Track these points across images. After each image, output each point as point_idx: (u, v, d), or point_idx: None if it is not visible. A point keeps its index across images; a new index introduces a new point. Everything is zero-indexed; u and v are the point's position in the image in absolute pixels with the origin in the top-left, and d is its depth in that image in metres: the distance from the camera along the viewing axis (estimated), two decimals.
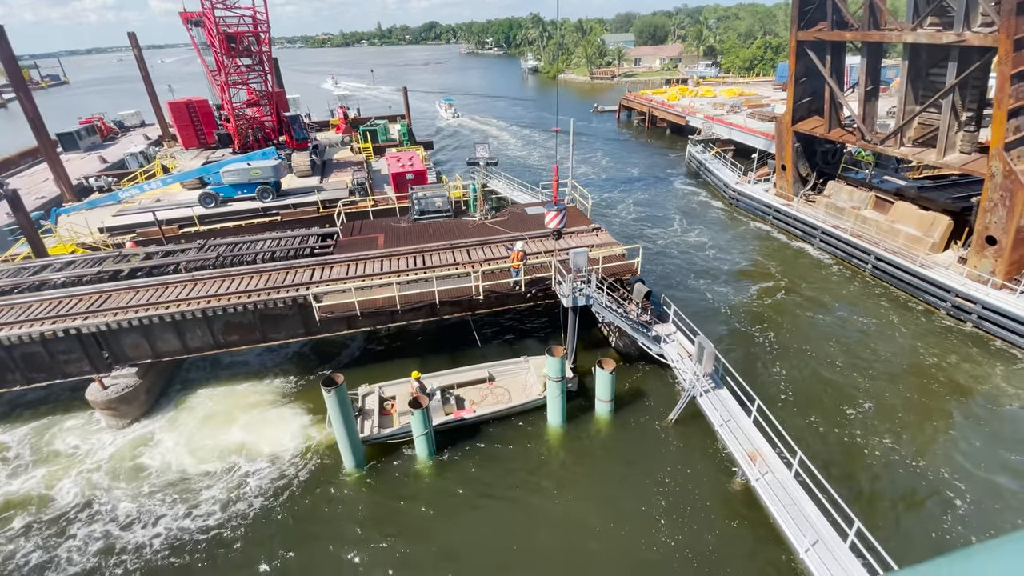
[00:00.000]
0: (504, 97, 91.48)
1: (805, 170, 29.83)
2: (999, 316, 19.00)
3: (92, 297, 17.42)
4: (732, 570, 11.90)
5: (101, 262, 20.05)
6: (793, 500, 12.15)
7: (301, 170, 33.08)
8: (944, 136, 21.60)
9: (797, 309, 22.34)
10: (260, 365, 19.63)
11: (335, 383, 13.79)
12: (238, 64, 33.25)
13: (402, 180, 29.06)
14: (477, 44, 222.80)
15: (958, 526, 12.74)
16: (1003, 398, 16.68)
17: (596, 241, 20.39)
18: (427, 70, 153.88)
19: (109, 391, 16.50)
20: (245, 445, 15.93)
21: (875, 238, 24.44)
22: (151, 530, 13.43)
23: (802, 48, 26.31)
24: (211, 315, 17.09)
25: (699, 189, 38.07)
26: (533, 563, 12.34)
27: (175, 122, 39.76)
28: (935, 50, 21.51)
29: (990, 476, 13.98)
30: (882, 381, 17.66)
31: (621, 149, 52.12)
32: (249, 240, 21.69)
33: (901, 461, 14.54)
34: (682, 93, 60.18)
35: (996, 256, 19.85)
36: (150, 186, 28.59)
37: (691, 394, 15.54)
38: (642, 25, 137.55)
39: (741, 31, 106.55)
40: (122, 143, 46.19)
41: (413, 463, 15.10)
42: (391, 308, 17.09)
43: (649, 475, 14.44)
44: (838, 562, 10.72)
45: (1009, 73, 17.67)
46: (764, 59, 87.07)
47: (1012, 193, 18.68)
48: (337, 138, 43.79)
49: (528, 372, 17.83)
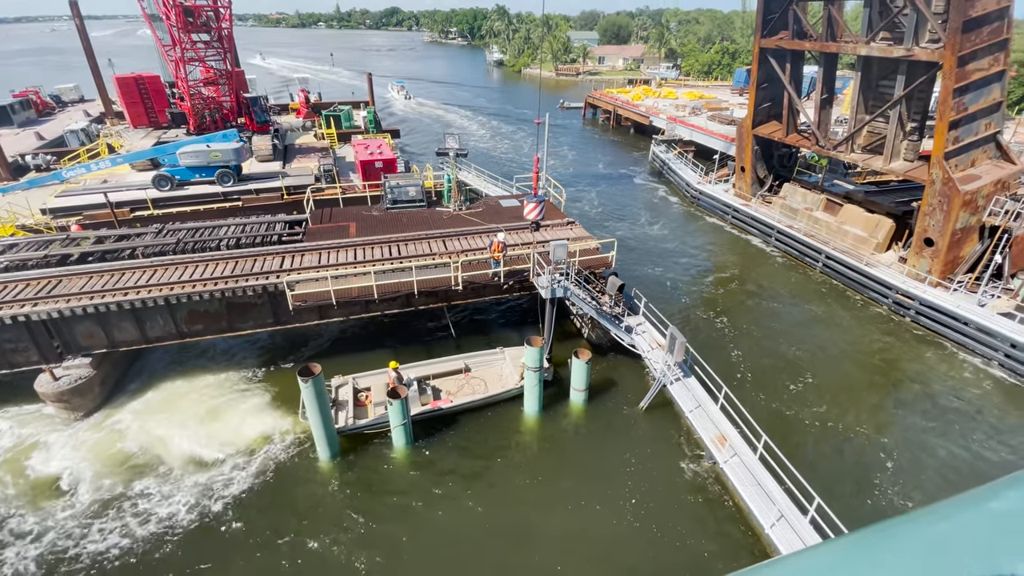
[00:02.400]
0: (469, 87, 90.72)
1: (763, 172, 31.31)
2: (934, 311, 20.71)
3: (40, 282, 16.25)
4: (701, 547, 12.55)
5: (47, 245, 18.71)
6: (758, 480, 12.94)
7: (262, 154, 31.78)
8: (891, 144, 23.23)
9: (751, 300, 23.62)
10: (226, 355, 18.93)
11: (312, 373, 13.52)
12: (194, 40, 31.53)
13: (371, 168, 28.48)
14: (440, 33, 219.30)
15: (892, 486, 13.93)
16: (934, 382, 18.26)
17: (571, 235, 20.76)
18: (389, 56, 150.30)
19: (60, 382, 15.53)
20: (212, 437, 15.36)
21: (825, 238, 26.01)
22: (111, 534, 12.79)
23: (764, 55, 27.54)
24: (174, 303, 16.32)
25: (662, 187, 39.25)
26: (511, 547, 12.59)
27: (122, 99, 37.25)
28: (886, 63, 23.04)
29: (920, 443, 15.35)
30: (827, 365, 19.02)
31: (587, 145, 52.92)
32: (212, 225, 20.76)
33: (844, 433, 15.73)
34: (646, 93, 61.59)
35: (933, 257, 21.59)
36: (97, 166, 26.72)
37: (662, 382, 16.19)
38: (606, 24, 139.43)
39: (700, 35, 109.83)
40: (60, 119, 42.84)
41: (390, 453, 15.03)
42: (367, 298, 16.84)
43: (621, 459, 14.97)
44: (799, 536, 11.54)
45: (952, 87, 19.20)
46: (722, 64, 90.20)
47: (949, 199, 20.34)
48: (298, 123, 42.29)
49: (504, 363, 18.01)
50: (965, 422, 16.49)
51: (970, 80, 19.49)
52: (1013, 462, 15.02)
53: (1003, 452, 15.39)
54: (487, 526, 13.11)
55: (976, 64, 19.46)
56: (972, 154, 21.03)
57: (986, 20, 18.99)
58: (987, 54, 19.57)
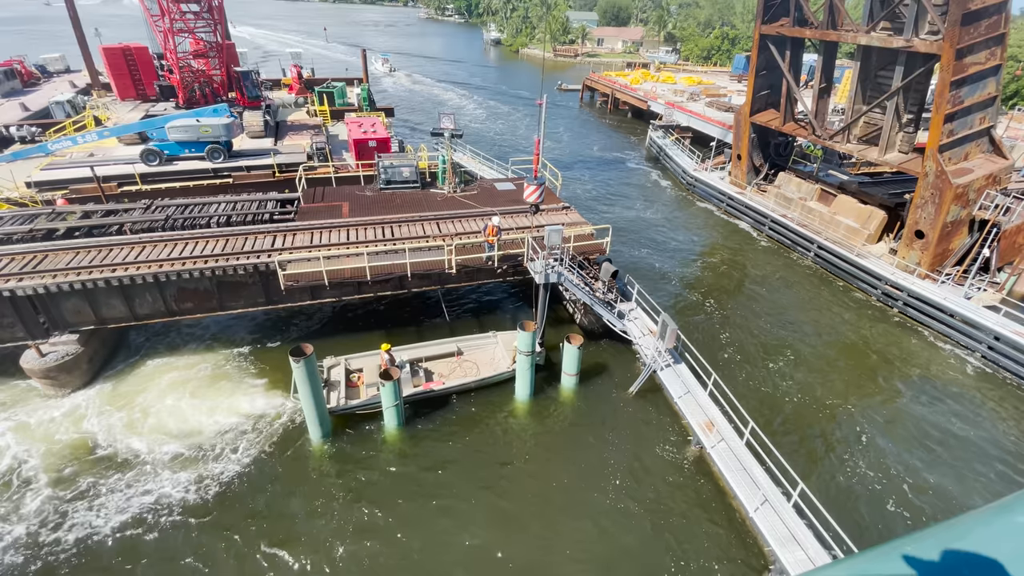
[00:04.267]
0: (466, 65, 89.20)
1: (759, 160, 31.27)
2: (921, 303, 20.99)
3: (26, 257, 15.98)
4: (687, 530, 12.83)
5: (33, 219, 18.36)
6: (743, 466, 13.19)
7: (253, 131, 31.17)
8: (886, 135, 23.25)
9: (743, 287, 23.79)
10: (217, 333, 18.82)
11: (304, 353, 13.50)
12: (183, 11, 30.65)
13: (364, 147, 28.05)
14: (437, 10, 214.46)
15: (873, 464, 14.29)
16: (917, 370, 18.61)
17: (566, 220, 20.68)
18: (385, 32, 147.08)
19: (47, 359, 15.39)
20: (202, 416, 15.36)
21: (818, 228, 26.16)
22: (99, 510, 12.81)
23: (764, 42, 27.28)
24: (163, 280, 16.12)
25: (659, 173, 39.12)
26: (500, 528, 12.80)
27: (109, 70, 36.24)
28: (885, 53, 22.93)
29: (902, 429, 15.73)
30: (814, 353, 19.27)
31: (584, 127, 52.46)
32: (202, 203, 20.46)
33: (828, 418, 16.04)
34: (644, 77, 60.96)
35: (923, 249, 21.81)
36: (83, 139, 26.07)
37: (652, 368, 16.35)
38: (606, 5, 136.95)
39: (701, 20, 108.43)
40: (45, 90, 41.64)
41: (381, 434, 15.12)
42: (360, 279, 16.75)
43: (610, 443, 15.18)
44: (782, 521, 11.82)
45: (949, 80, 19.18)
46: (721, 50, 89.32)
47: (941, 191, 20.48)
48: (290, 99, 41.48)
49: (497, 346, 18.08)
50: (945, 408, 16.87)
51: (967, 73, 19.48)
52: (983, 448, 15.43)
53: (979, 438, 15.80)
54: (476, 507, 13.29)
55: (973, 58, 19.43)
56: (966, 148, 21.12)
57: (984, 14, 18.91)
58: (984, 48, 19.53)
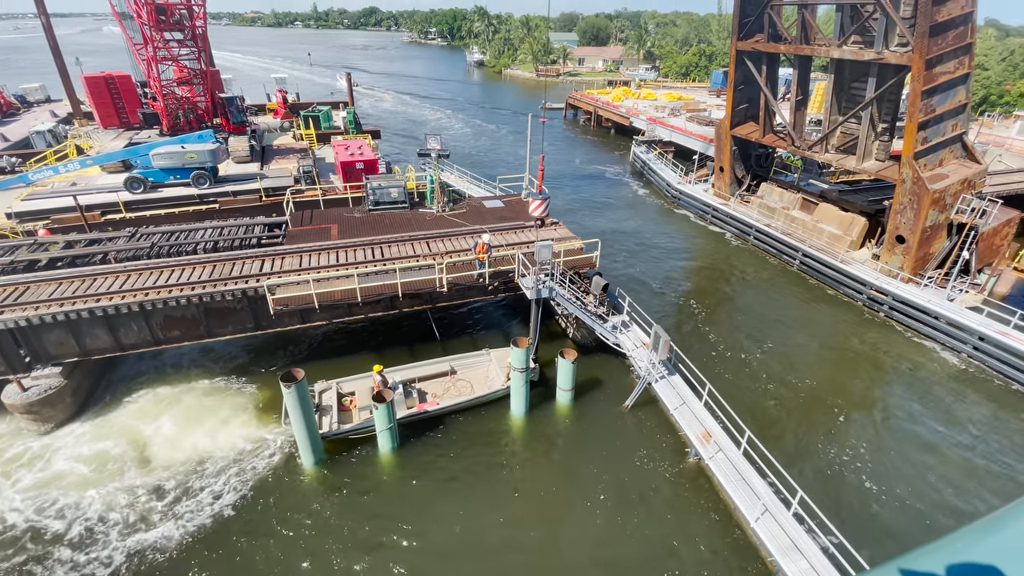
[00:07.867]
0: (450, 84, 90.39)
1: (741, 172, 31.86)
2: (906, 307, 21.33)
3: (7, 289, 15.65)
4: (689, 542, 12.69)
5: (14, 251, 18.04)
6: (742, 476, 13.14)
7: (239, 155, 31.15)
8: (863, 144, 23.86)
9: (731, 297, 24.03)
10: (206, 361, 18.48)
11: (295, 378, 13.28)
12: (167, 39, 30.75)
13: (352, 169, 28.11)
14: (420, 33, 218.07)
15: (870, 469, 14.31)
16: (912, 373, 18.80)
17: (554, 235, 20.82)
18: (370, 57, 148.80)
19: (29, 393, 14.97)
20: (192, 444, 14.99)
21: (802, 236, 26.60)
22: (94, 547, 12.37)
23: (741, 57, 28.03)
24: (149, 309, 15.86)
25: (644, 187, 39.66)
26: (498, 549, 12.55)
27: (92, 99, 36.12)
28: (857, 66, 23.67)
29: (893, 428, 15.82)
30: (805, 358, 19.41)
31: (569, 145, 53.18)
32: (188, 229, 20.29)
33: (823, 423, 16.07)
34: (625, 94, 62.15)
35: (904, 253, 22.24)
36: (65, 168, 25.79)
37: (647, 380, 16.33)
38: (585, 26, 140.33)
39: (678, 38, 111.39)
40: (25, 120, 41.37)
41: (376, 457, 14.85)
42: (350, 301, 16.63)
43: (608, 458, 15.05)
44: (783, 530, 11.76)
45: (920, 89, 19.81)
46: (699, 66, 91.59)
47: (919, 197, 20.99)
48: (275, 123, 41.59)
49: (490, 364, 17.96)
50: (937, 409, 17.03)
51: (937, 83, 20.14)
52: (977, 448, 15.57)
53: (971, 437, 15.94)
54: (474, 529, 13.04)
55: (943, 67, 20.12)
56: (940, 154, 21.73)
57: (951, 24, 19.65)
58: (953, 57, 20.24)
